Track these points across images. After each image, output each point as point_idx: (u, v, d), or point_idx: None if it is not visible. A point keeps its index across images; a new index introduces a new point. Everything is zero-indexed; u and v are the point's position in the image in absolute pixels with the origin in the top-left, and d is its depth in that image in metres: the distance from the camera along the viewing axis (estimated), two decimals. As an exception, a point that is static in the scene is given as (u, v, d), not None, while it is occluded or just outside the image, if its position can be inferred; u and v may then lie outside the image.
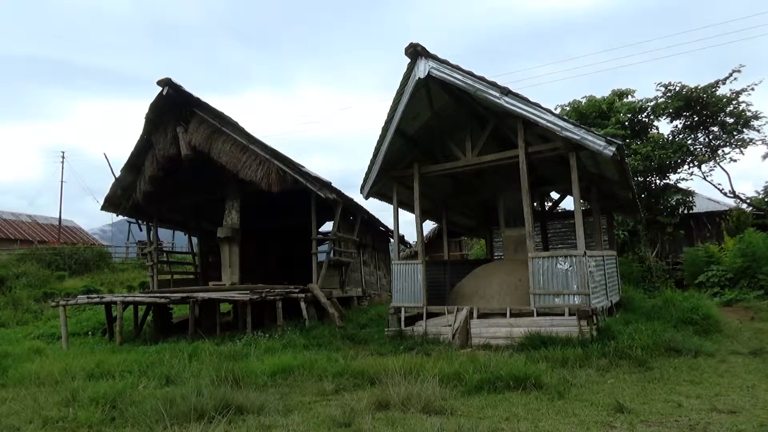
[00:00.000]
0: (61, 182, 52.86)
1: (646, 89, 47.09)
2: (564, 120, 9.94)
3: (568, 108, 23.43)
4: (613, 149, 9.37)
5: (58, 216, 46.74)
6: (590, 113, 22.34)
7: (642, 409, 5.61)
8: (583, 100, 23.27)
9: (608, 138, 9.60)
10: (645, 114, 22.10)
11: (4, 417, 6.12)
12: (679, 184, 21.90)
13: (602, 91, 24.30)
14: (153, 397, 6.52)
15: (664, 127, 38.17)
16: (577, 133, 9.63)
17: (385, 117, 11.50)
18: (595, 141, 9.53)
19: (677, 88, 21.23)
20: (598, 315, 9.87)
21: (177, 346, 10.88)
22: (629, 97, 22.76)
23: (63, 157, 48.05)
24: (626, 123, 21.82)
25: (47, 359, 9.96)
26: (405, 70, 10.90)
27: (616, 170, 11.18)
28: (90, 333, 15.96)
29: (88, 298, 15.05)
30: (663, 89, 21.63)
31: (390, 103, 11.32)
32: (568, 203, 19.78)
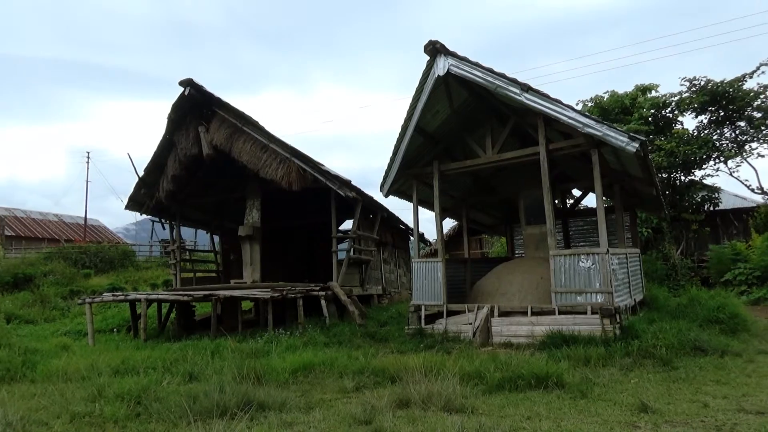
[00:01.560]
0: (87, 182, 53.82)
1: (670, 84, 46.18)
2: (586, 116, 9.82)
3: (590, 104, 23.13)
4: (637, 145, 9.22)
5: (83, 215, 47.72)
6: (613, 109, 22.03)
7: (667, 409, 5.53)
8: (606, 96, 22.96)
9: (631, 134, 9.46)
10: (669, 109, 21.73)
11: (33, 412, 6.26)
12: (704, 181, 21.49)
13: (625, 87, 24.00)
14: (177, 393, 6.63)
15: (689, 122, 37.49)
16: (599, 130, 9.51)
17: (404, 115, 11.49)
18: (617, 137, 9.39)
19: (702, 83, 20.82)
20: (622, 313, 9.74)
21: (200, 344, 11.02)
22: (653, 92, 22.39)
23: (88, 158, 48.98)
24: (650, 119, 21.47)
25: (74, 355, 10.16)
26: (424, 67, 10.86)
27: (639, 167, 11.01)
28: (115, 330, 16.26)
29: (113, 295, 15.32)
30: (687, 84, 21.24)
31: (409, 101, 11.30)
32: (590, 200, 19.54)
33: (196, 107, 15.32)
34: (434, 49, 10.61)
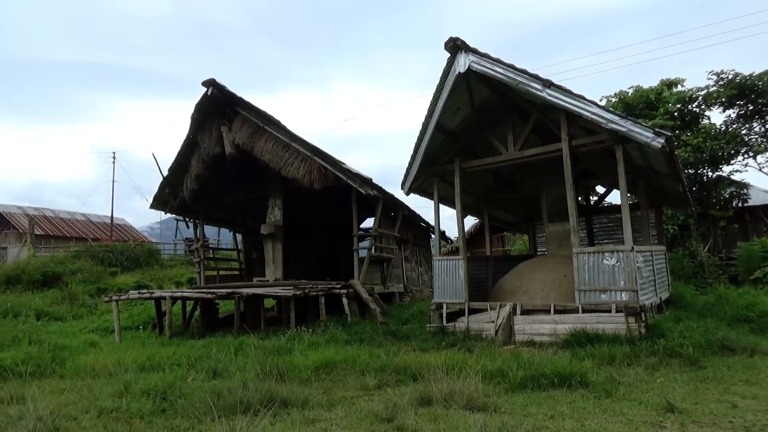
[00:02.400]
0: (113, 182, 55.31)
1: (696, 78, 45.41)
2: (609, 111, 9.69)
3: (614, 99, 22.80)
4: (662, 141, 9.07)
5: (110, 214, 48.61)
6: (637, 104, 21.67)
7: (694, 409, 5.43)
8: (630, 91, 22.60)
9: (656, 129, 9.31)
10: (696, 104, 21.29)
11: (62, 406, 6.40)
12: (732, 176, 21.00)
13: (649, 82, 23.60)
14: (201, 389, 6.72)
15: (717, 116, 36.76)
16: (623, 125, 9.37)
17: (424, 113, 11.47)
18: (642, 133, 9.25)
19: (730, 76, 20.36)
20: (647, 312, 9.61)
21: (223, 341, 11.15)
22: (679, 86, 21.95)
23: (114, 158, 50.00)
24: (675, 113, 21.08)
25: (101, 352, 10.36)
26: (444, 65, 10.82)
27: (665, 162, 10.82)
28: (141, 327, 16.52)
29: (138, 293, 15.59)
30: (715, 77, 20.79)
31: (430, 98, 11.27)
32: (614, 197, 19.30)
33: (218, 107, 15.49)
34: (455, 46, 10.56)
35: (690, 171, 20.26)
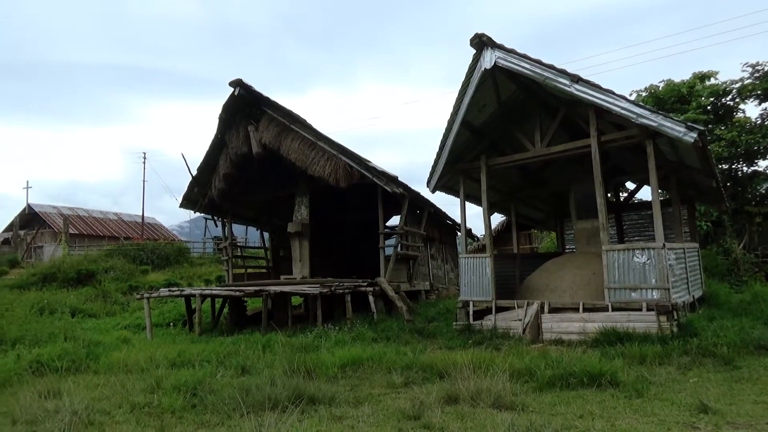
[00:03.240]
0: (143, 182, 56.23)
1: (730, 70, 44.18)
2: (639, 106, 9.50)
3: (644, 93, 22.37)
4: (694, 135, 8.86)
5: (141, 214, 49.61)
6: (668, 98, 21.22)
7: (728, 410, 5.30)
8: (661, 85, 22.14)
9: (688, 124, 9.10)
10: (729, 97, 20.75)
11: (96, 401, 6.57)
12: (768, 171, 20.43)
13: (681, 75, 23.07)
14: (230, 386, 6.82)
15: (752, 110, 35.74)
16: (654, 120, 9.18)
17: (450, 110, 11.40)
18: (674, 127, 9.05)
19: (766, 68, 19.77)
20: (679, 310, 9.42)
21: (251, 338, 11.29)
22: (712, 79, 21.42)
23: (144, 158, 50.96)
24: (708, 107, 20.58)
25: (133, 348, 10.59)
26: (470, 61, 10.75)
27: (697, 158, 10.57)
28: (171, 324, 16.83)
29: (169, 291, 15.88)
30: (750, 69, 20.22)
31: (455, 95, 11.21)
32: (645, 193, 18.92)
33: (245, 107, 15.66)
34: (480, 42, 10.48)
35: (724, 166, 19.78)
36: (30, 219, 44.77)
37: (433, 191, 12.52)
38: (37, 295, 20.40)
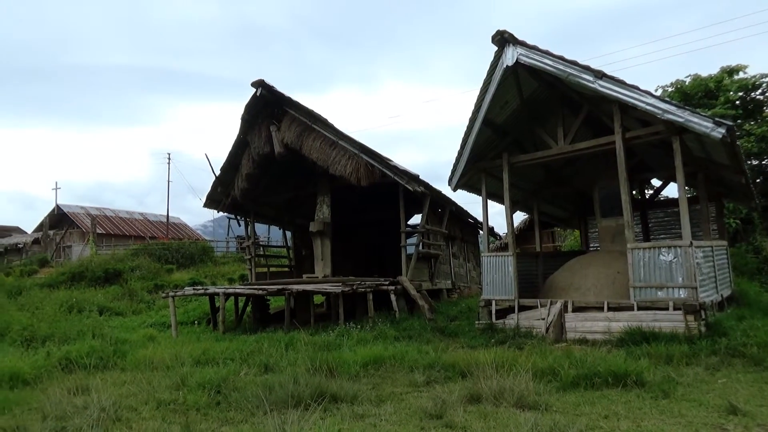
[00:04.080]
0: (168, 182, 56.82)
1: (759, 64, 43.02)
2: (665, 101, 9.33)
3: (670, 89, 21.98)
4: (723, 131, 8.66)
5: (166, 213, 50.33)
6: (695, 93, 20.81)
7: (758, 411, 5.18)
8: (687, 80, 21.72)
9: (716, 119, 8.90)
10: (759, 91, 20.26)
11: (123, 398, 6.70)
12: (801, 167, 19.89)
13: (708, 69, 22.61)
14: (253, 383, 6.89)
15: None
16: (680, 115, 9.01)
17: (471, 108, 11.35)
18: (701, 123, 8.87)
19: (798, 61, 19.26)
20: (707, 310, 9.22)
21: (274, 336, 11.38)
22: (740, 73, 20.93)
23: (169, 159, 51.61)
24: (737, 102, 20.14)
25: (159, 346, 10.76)
26: (492, 59, 10.68)
27: (726, 154, 10.34)
28: (196, 322, 17.05)
29: (193, 289, 16.08)
30: (781, 63, 19.71)
31: (476, 93, 11.15)
32: (671, 191, 18.58)
33: (267, 107, 15.79)
34: (502, 39, 10.41)
35: (754, 162, 19.34)
36: (59, 219, 45.77)
37: (454, 189, 12.47)
38: (66, 293, 20.82)
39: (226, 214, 19.14)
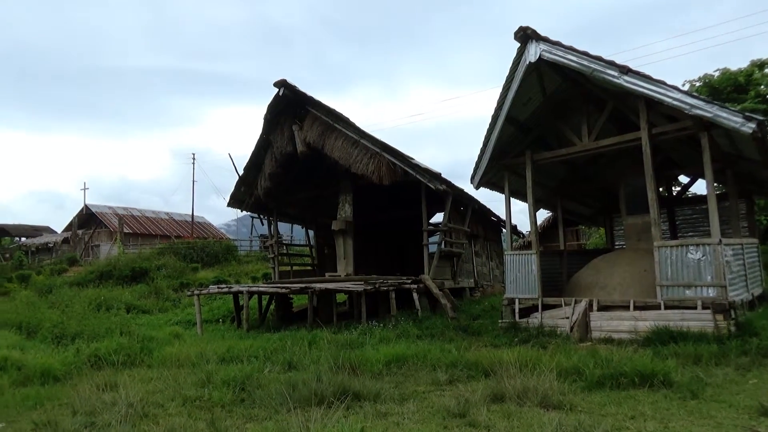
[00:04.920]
0: (193, 182, 57.66)
1: (792, 57, 41.69)
2: (693, 96, 9.16)
3: (698, 83, 21.54)
4: (753, 126, 8.46)
5: (190, 213, 51.06)
6: (724, 88, 20.36)
7: (792, 413, 5.04)
8: (716, 74, 21.25)
9: (746, 114, 8.71)
10: (792, 84, 19.74)
11: (150, 394, 6.82)
12: (835, 162, 19.31)
13: (737, 63, 22.08)
14: (277, 381, 6.94)
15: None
16: (708, 110, 8.82)
17: (494, 105, 11.27)
18: (730, 118, 8.67)
19: (832, 53, 18.70)
20: (737, 309, 9.03)
21: (297, 334, 11.47)
22: (772, 66, 20.42)
23: (194, 159, 52.30)
24: (768, 96, 19.62)
25: (185, 343, 10.93)
26: (514, 55, 10.58)
27: (756, 149, 10.09)
28: (220, 320, 17.27)
29: (218, 288, 16.28)
30: (814, 55, 19.16)
31: (499, 90, 11.07)
32: (699, 187, 18.17)
33: (290, 107, 15.89)
34: (525, 36, 10.31)
35: (785, 157, 18.79)
36: (87, 219, 46.77)
37: (477, 187, 12.40)
38: (95, 291, 21.26)
39: (249, 213, 19.33)
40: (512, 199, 12.76)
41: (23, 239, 50.09)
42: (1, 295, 24.68)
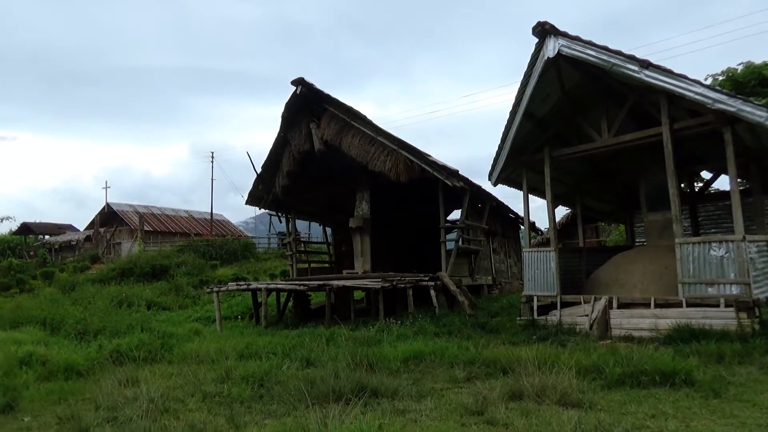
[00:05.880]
0: (212, 180, 58.55)
1: (819, 49, 40.69)
2: (715, 91, 9.00)
3: (721, 77, 21.09)
4: (778, 120, 8.28)
5: (209, 210, 51.57)
6: (748, 81, 19.90)
7: (818, 413, 4.94)
8: (740, 68, 20.80)
9: (771, 108, 8.51)
10: (818, 78, 19.24)
11: (171, 390, 6.90)
12: None
13: (762, 56, 21.62)
14: (295, 377, 6.99)
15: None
16: (732, 105, 8.65)
17: (511, 101, 11.18)
18: (754, 112, 8.51)
19: None
20: (761, 307, 8.86)
21: (315, 331, 11.51)
22: (798, 59, 19.93)
23: (212, 158, 52.83)
24: (794, 89, 19.15)
25: (204, 340, 11.03)
26: (532, 51, 10.50)
27: (781, 144, 9.90)
28: (239, 317, 17.41)
29: (237, 285, 16.42)
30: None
31: (517, 87, 10.98)
32: (722, 183, 17.84)
33: (307, 105, 15.95)
34: (543, 31, 10.21)
35: (812, 152, 18.38)
36: (109, 217, 47.47)
37: (494, 184, 12.34)
38: (116, 288, 21.55)
39: (267, 210, 19.45)
40: (530, 196, 12.68)
41: (47, 237, 51.03)
42: (26, 292, 25.21)
